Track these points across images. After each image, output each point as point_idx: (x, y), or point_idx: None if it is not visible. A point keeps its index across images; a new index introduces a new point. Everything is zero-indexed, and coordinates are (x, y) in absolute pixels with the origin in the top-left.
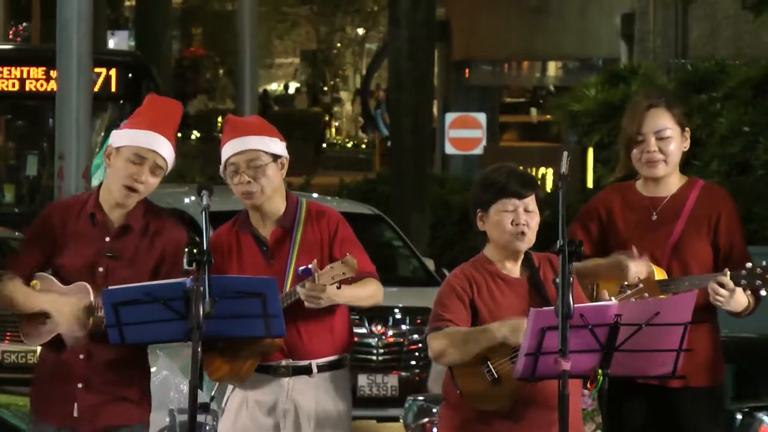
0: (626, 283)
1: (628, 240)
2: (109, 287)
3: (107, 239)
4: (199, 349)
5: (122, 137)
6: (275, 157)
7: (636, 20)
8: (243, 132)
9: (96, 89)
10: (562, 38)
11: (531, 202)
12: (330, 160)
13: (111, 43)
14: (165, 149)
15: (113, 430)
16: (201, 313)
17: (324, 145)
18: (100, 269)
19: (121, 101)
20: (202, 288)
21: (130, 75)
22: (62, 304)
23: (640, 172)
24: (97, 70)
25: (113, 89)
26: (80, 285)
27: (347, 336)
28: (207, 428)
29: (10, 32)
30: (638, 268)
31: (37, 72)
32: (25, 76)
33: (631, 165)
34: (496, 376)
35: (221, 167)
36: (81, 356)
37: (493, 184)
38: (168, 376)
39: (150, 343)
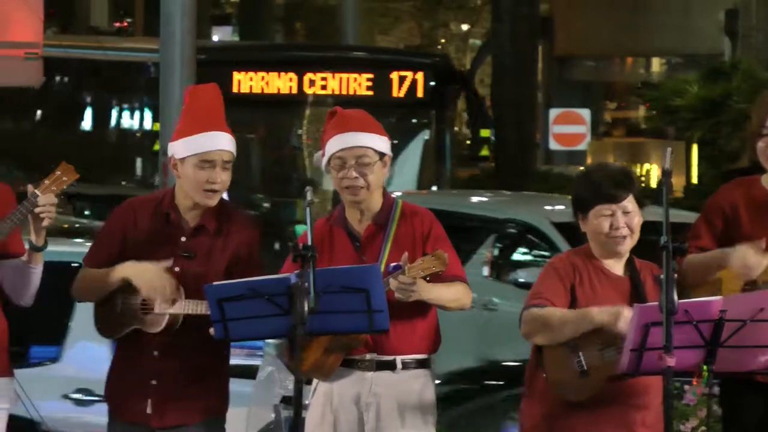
0: (745, 284)
1: (752, 237)
2: (213, 283)
3: (182, 239)
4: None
5: (183, 148)
6: (381, 155)
7: (739, 16)
8: (352, 127)
9: (401, 94)
10: (665, 34)
11: (629, 203)
12: None
13: (214, 38)
14: (226, 142)
15: (186, 426)
16: (305, 308)
17: None
18: (176, 269)
19: (427, 108)
20: (306, 283)
21: (437, 79)
22: (143, 268)
23: (765, 165)
24: (402, 73)
25: (419, 94)
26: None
27: (434, 336)
28: None
29: (115, 27)
30: (756, 257)
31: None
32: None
33: (756, 157)
34: (585, 368)
35: (324, 159)
36: (155, 353)
37: (589, 188)
38: (273, 372)
39: (254, 338)
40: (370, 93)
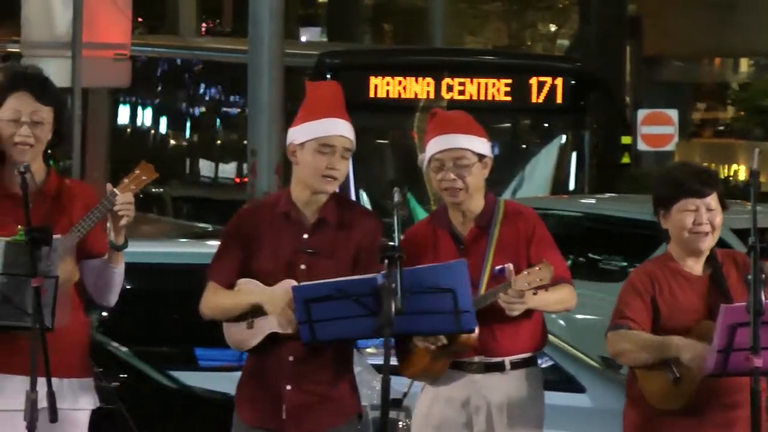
0: None
1: None
2: (300, 284)
3: (305, 236)
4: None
5: (303, 132)
6: (480, 157)
7: None
8: (451, 129)
9: (540, 100)
10: (754, 34)
11: (713, 200)
12: None
13: (302, 39)
14: (348, 131)
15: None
16: (392, 309)
17: None
18: (302, 266)
19: (567, 113)
20: (393, 284)
21: (576, 84)
22: (273, 293)
23: None
24: (541, 78)
25: (559, 100)
26: (286, 283)
27: (541, 332)
28: (400, 425)
29: (203, 28)
30: None
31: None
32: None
33: None
34: (677, 375)
35: (425, 161)
36: (290, 358)
37: (674, 183)
38: (361, 373)
39: (340, 339)
40: (509, 99)
